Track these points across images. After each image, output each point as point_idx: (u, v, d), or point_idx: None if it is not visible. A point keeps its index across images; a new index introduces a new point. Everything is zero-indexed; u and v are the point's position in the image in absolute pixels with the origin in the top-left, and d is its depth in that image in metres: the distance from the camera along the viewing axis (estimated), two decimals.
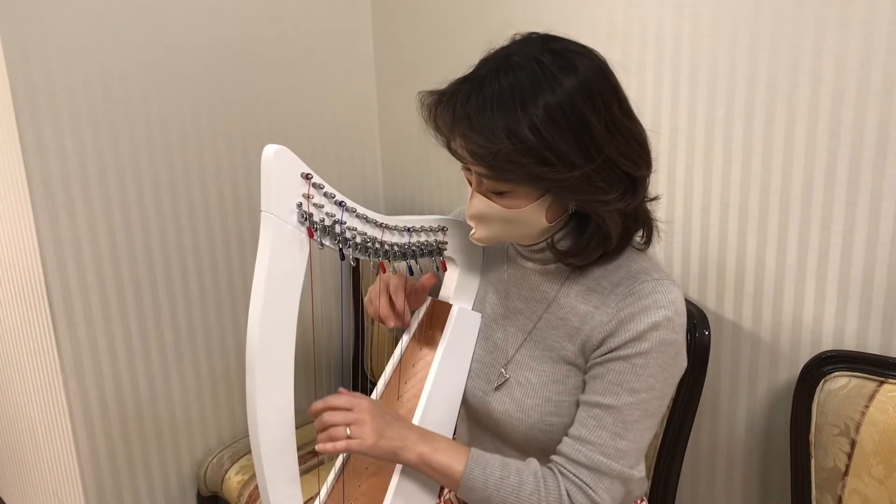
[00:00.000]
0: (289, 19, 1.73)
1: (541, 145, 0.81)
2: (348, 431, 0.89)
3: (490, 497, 0.89)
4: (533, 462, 0.92)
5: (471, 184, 0.92)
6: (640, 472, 0.91)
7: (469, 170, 0.91)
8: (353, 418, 0.90)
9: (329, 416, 0.91)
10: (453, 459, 0.91)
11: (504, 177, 0.85)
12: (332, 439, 0.89)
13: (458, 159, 0.91)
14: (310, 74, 1.80)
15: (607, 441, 0.88)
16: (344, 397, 0.93)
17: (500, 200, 0.89)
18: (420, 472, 0.94)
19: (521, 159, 0.81)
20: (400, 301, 1.03)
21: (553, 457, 0.93)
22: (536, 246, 0.98)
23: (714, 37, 1.23)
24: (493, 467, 0.90)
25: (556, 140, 0.81)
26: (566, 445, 0.91)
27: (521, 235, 0.95)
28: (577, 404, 0.94)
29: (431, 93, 0.90)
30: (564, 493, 0.88)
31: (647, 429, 0.91)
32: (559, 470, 0.90)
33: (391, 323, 1.04)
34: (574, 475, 0.89)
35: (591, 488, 0.88)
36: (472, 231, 0.94)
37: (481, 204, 0.91)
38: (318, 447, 0.91)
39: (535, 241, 0.96)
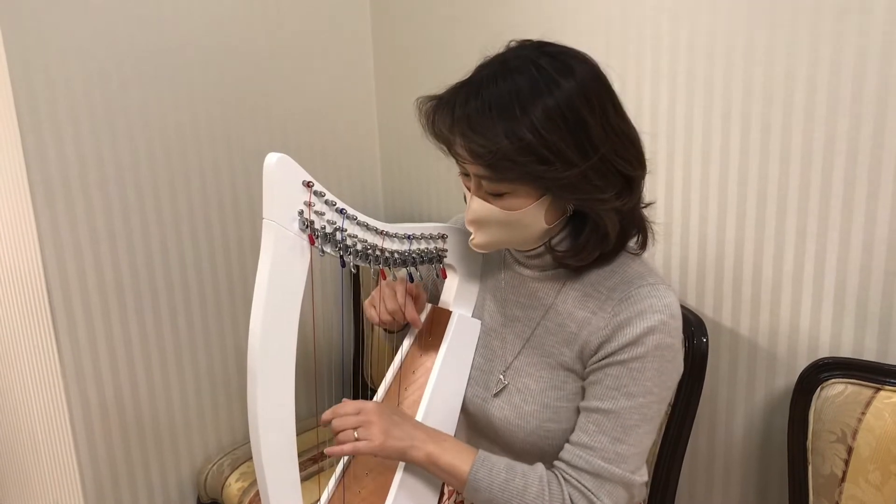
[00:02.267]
0: (288, 26, 1.74)
1: (539, 144, 0.82)
2: (356, 434, 0.91)
3: (494, 498, 0.90)
4: (539, 467, 0.93)
5: (469, 189, 0.93)
6: (641, 476, 0.92)
7: (468, 175, 0.92)
8: (360, 421, 0.92)
9: (338, 422, 0.93)
10: (460, 460, 0.92)
11: (504, 176, 0.86)
12: (341, 442, 0.92)
13: (458, 163, 0.92)
14: (310, 81, 1.81)
15: (607, 446, 0.89)
16: (350, 403, 0.95)
17: (500, 202, 0.89)
18: (427, 471, 0.95)
19: (520, 158, 0.83)
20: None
21: (556, 463, 0.93)
22: (534, 251, 0.98)
23: (710, 46, 1.25)
24: (498, 469, 0.91)
25: (555, 139, 0.82)
26: (567, 452, 0.92)
27: (520, 239, 0.95)
28: (576, 410, 0.95)
29: (430, 98, 0.92)
30: (567, 498, 0.88)
31: (646, 433, 0.91)
32: (562, 476, 0.90)
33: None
34: (577, 481, 0.89)
35: (593, 494, 0.88)
36: (472, 237, 0.95)
37: (480, 207, 0.91)
38: (326, 450, 0.93)
39: (534, 245, 0.97)
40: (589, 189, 0.87)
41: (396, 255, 0.98)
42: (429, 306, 1.11)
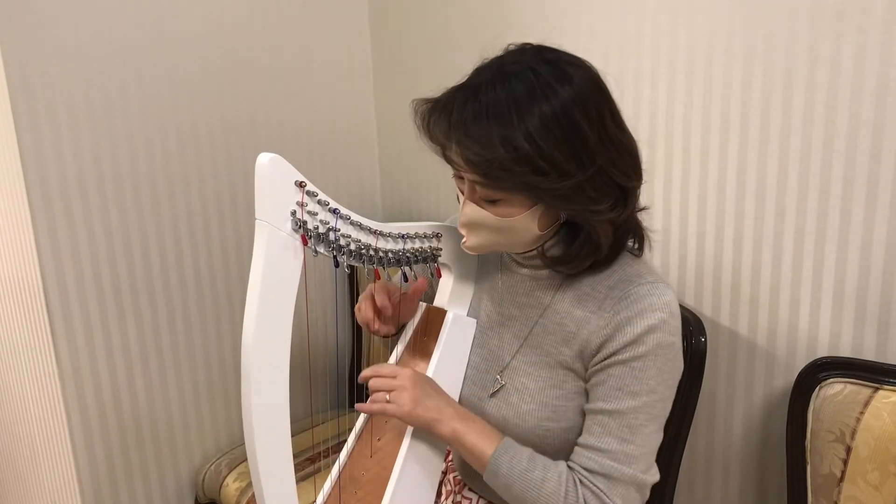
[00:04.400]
0: (287, 27, 1.74)
1: (535, 153, 0.81)
2: (388, 397, 0.94)
3: (511, 486, 0.90)
4: (561, 464, 0.92)
5: (462, 192, 0.93)
6: (653, 476, 0.91)
7: (461, 178, 0.92)
8: (395, 385, 0.95)
9: (374, 382, 0.97)
10: (485, 443, 0.93)
11: (498, 185, 0.86)
12: (374, 402, 0.95)
13: (452, 167, 0.92)
14: (308, 81, 1.81)
15: (615, 447, 0.88)
16: (389, 366, 0.98)
17: (493, 208, 0.90)
18: (452, 447, 0.97)
19: (516, 168, 0.82)
20: (380, 299, 1.03)
21: (569, 464, 0.93)
22: (528, 253, 0.98)
23: (709, 45, 1.24)
24: (520, 458, 0.91)
25: (551, 148, 0.82)
26: (577, 455, 0.92)
27: (512, 243, 0.95)
28: (575, 410, 0.95)
29: (426, 101, 0.91)
30: (582, 499, 0.88)
31: (653, 433, 0.91)
32: (578, 477, 0.90)
33: (375, 325, 1.05)
34: (590, 482, 0.89)
35: (606, 496, 0.88)
36: (464, 239, 0.95)
37: (473, 212, 0.91)
38: (356, 406, 0.97)
39: (527, 248, 0.97)
40: (583, 200, 0.86)
41: (391, 255, 0.97)
42: (423, 306, 1.10)
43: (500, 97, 0.82)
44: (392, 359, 1.08)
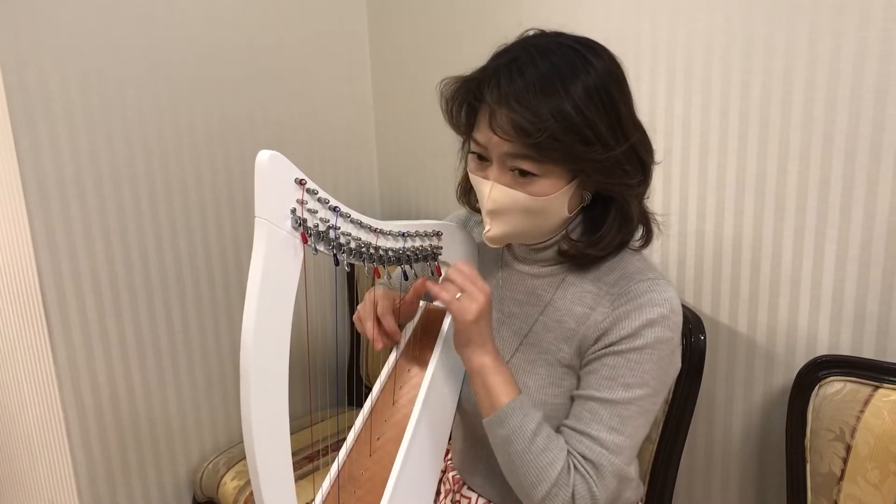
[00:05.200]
0: (285, 26, 1.74)
1: (583, 124, 0.83)
2: (458, 296, 0.91)
3: (512, 441, 0.89)
4: (562, 440, 0.91)
5: (487, 178, 0.91)
6: (634, 471, 0.92)
7: (484, 161, 0.91)
8: (471, 289, 0.91)
9: (452, 273, 0.93)
10: (504, 389, 0.91)
11: (546, 156, 0.86)
12: (445, 290, 0.92)
13: (477, 149, 0.90)
14: (306, 80, 1.80)
15: (605, 435, 0.88)
16: (472, 270, 0.94)
17: (527, 187, 0.89)
18: (471, 378, 0.94)
19: (565, 138, 0.84)
20: (389, 323, 1.03)
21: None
22: (544, 244, 0.97)
23: (708, 43, 1.24)
24: (531, 419, 0.89)
25: (595, 119, 0.84)
26: (568, 436, 0.91)
27: (539, 229, 0.94)
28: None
29: (457, 79, 0.92)
30: (572, 482, 0.88)
31: (641, 426, 0.91)
32: (573, 461, 0.89)
33: (379, 345, 1.04)
34: (583, 467, 0.88)
35: (593, 480, 0.88)
36: (487, 229, 0.93)
37: (503, 195, 0.90)
38: (426, 281, 0.96)
39: (549, 236, 0.96)
40: (620, 174, 0.89)
41: (391, 253, 0.97)
42: (423, 304, 1.10)
43: (545, 71, 0.84)
44: (392, 358, 1.07)
